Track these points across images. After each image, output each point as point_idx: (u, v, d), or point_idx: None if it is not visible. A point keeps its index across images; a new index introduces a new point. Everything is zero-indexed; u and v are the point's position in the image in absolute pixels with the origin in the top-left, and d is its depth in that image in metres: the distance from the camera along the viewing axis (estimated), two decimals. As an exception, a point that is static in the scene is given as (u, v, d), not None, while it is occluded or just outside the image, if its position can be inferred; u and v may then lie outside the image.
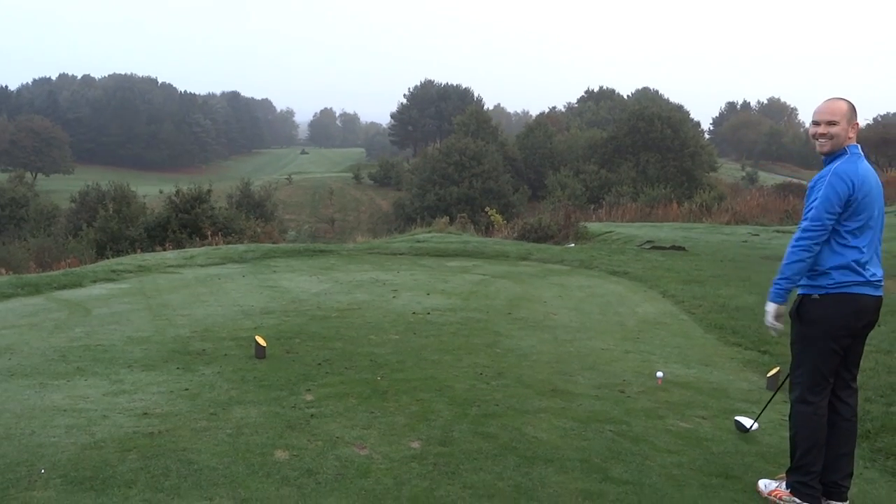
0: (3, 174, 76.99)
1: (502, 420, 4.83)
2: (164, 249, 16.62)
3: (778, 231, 20.31)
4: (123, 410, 4.75)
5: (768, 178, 63.40)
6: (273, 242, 21.91)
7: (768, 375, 5.94)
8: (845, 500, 3.83)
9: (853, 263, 3.74)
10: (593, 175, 56.03)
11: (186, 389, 5.25)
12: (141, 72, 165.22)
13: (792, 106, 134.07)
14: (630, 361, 6.53)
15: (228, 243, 18.18)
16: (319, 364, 6.03)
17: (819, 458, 3.80)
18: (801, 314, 3.93)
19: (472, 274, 11.51)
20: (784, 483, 3.93)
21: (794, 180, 53.11)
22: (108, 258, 16.18)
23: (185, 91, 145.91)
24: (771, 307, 4.00)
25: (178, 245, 20.03)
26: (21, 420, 4.52)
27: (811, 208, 3.78)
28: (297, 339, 6.86)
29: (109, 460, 3.92)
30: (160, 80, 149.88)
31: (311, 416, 4.75)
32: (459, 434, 4.53)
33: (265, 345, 6.23)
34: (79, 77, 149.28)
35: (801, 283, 3.89)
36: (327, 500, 3.60)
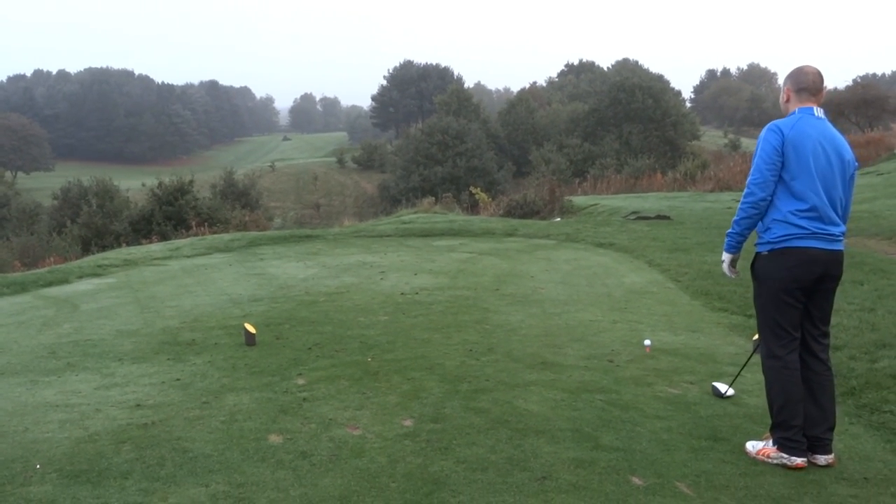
0: (-17, 174, 76.20)
1: (493, 395, 4.88)
2: (150, 242, 16.55)
3: (761, 196, 20.42)
4: (116, 403, 4.77)
5: (751, 144, 63.49)
6: (260, 230, 21.88)
7: (754, 339, 6.00)
8: (829, 453, 3.89)
9: (794, 216, 3.81)
10: (577, 149, 56.12)
11: (178, 379, 5.27)
12: (117, 64, 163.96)
13: (772, 71, 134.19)
14: (618, 331, 6.60)
15: (214, 233, 18.13)
16: (310, 348, 6.06)
17: (797, 412, 3.86)
18: (755, 270, 4.09)
19: (458, 252, 11.54)
20: (770, 441, 4.00)
21: (777, 145, 53.27)
22: (93, 254, 16.11)
23: (163, 82, 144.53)
24: (725, 256, 4.21)
25: (164, 237, 19.98)
26: (14, 417, 4.53)
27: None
28: (286, 325, 6.88)
29: (104, 452, 3.95)
30: (137, 72, 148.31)
31: (304, 399, 4.78)
32: (451, 410, 4.58)
33: (255, 332, 6.25)
34: (54, 72, 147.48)
35: (757, 240, 4.04)
36: (322, 480, 3.64)
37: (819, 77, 3.96)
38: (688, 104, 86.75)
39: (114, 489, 3.54)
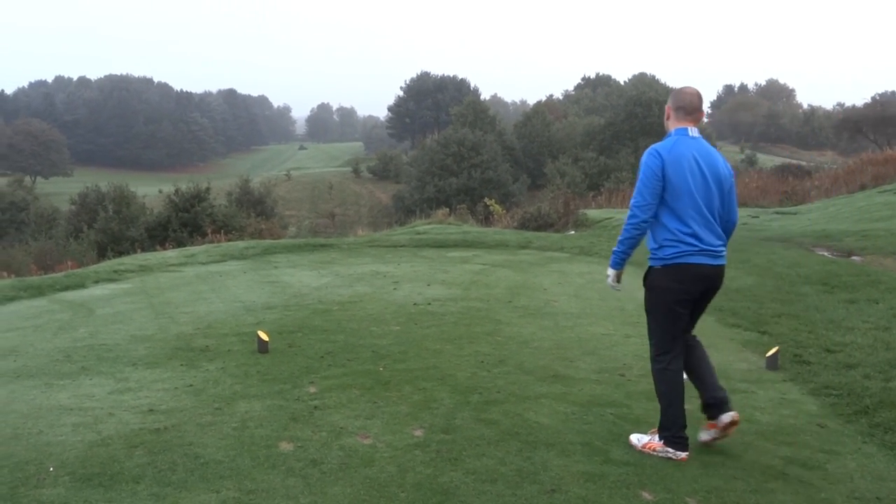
0: (3, 178, 77.09)
1: (504, 406, 4.88)
2: (165, 249, 16.67)
3: (778, 212, 20.33)
4: (129, 408, 4.80)
5: (767, 161, 63.29)
6: (275, 238, 21.97)
7: (767, 355, 5.99)
8: (731, 410, 4.16)
9: (681, 234, 4.09)
10: (592, 162, 56.07)
11: (191, 385, 5.30)
12: (137, 72, 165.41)
13: (790, 87, 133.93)
14: (630, 345, 6.58)
15: (230, 240, 18.24)
16: (322, 357, 6.08)
17: (681, 413, 4.17)
18: (647, 283, 4.37)
19: (472, 264, 11.55)
20: (656, 437, 4.21)
21: (794, 161, 53.05)
22: (109, 259, 16.24)
23: (182, 90, 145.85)
24: (610, 272, 4.57)
25: (180, 244, 20.13)
26: (28, 420, 4.57)
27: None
28: (299, 333, 6.91)
29: (117, 456, 3.98)
30: (156, 80, 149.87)
31: (315, 407, 4.80)
32: (462, 421, 4.58)
33: (268, 339, 6.28)
34: (75, 79, 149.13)
35: (650, 255, 4.30)
36: (332, 489, 3.65)
37: (697, 98, 4.24)
38: (705, 119, 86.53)
39: (125, 493, 3.56)
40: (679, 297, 4.16)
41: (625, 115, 60.31)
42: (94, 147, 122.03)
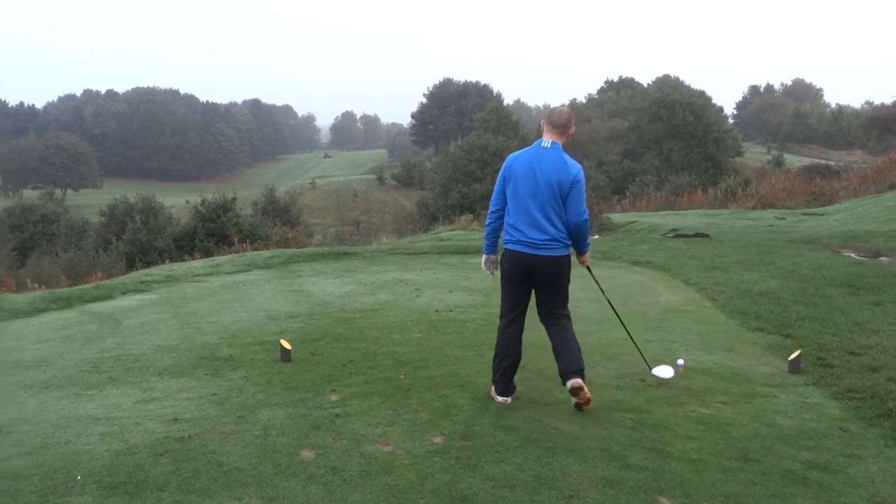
0: (34, 192, 78.42)
1: (523, 412, 4.91)
2: (192, 258, 16.87)
3: (805, 214, 20.12)
4: (155, 417, 4.90)
5: (795, 161, 62.61)
6: (300, 247, 22.13)
7: (789, 359, 5.95)
8: (575, 378, 4.93)
9: (510, 227, 5.05)
10: (616, 165, 55.79)
11: (215, 394, 5.38)
12: (163, 84, 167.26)
13: (817, 86, 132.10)
14: (651, 350, 6.56)
15: (255, 249, 18.42)
16: (344, 365, 6.14)
17: (503, 362, 5.14)
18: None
19: (494, 270, 11.51)
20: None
21: (822, 161, 52.38)
22: (137, 269, 16.48)
23: (208, 101, 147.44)
24: (483, 257, 5.41)
25: (207, 253, 20.37)
26: (57, 430, 4.68)
27: None
28: (321, 342, 6.98)
29: (142, 465, 4.06)
30: (182, 92, 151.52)
31: (336, 415, 4.86)
32: (481, 428, 4.61)
33: (290, 348, 6.36)
34: (103, 92, 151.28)
35: None
36: (352, 496, 3.70)
37: (563, 116, 5.07)
38: (730, 120, 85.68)
39: (150, 501, 3.64)
40: (508, 274, 5.12)
41: (649, 118, 59.91)
42: (123, 159, 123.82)
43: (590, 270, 5.81)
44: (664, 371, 5.69)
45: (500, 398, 5.09)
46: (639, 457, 4.19)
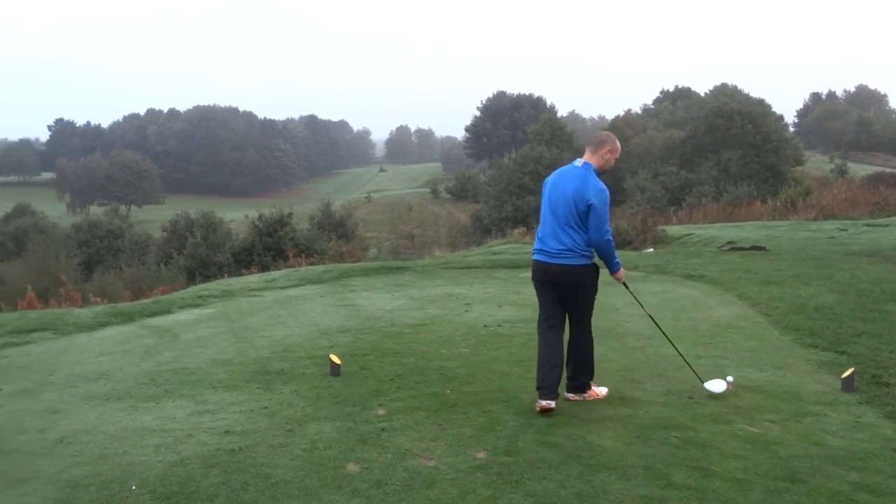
0: (100, 208, 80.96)
1: (567, 429, 4.92)
2: (250, 273, 17.23)
3: (868, 225, 19.54)
4: (207, 429, 5.05)
5: (859, 170, 60.83)
6: (355, 261, 22.40)
7: (843, 377, 5.82)
8: (571, 392, 5.58)
9: (537, 237, 5.56)
10: (673, 176, 54.97)
11: (265, 408, 5.52)
12: (223, 102, 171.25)
13: (882, 92, 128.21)
14: (701, 367, 6.47)
15: (311, 264, 18.70)
16: (391, 379, 6.23)
17: (542, 368, 5.35)
18: None
19: (545, 284, 11.48)
20: None
21: (888, 170, 50.82)
22: (197, 284, 16.90)
23: (266, 117, 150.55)
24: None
25: (264, 268, 20.73)
26: (115, 441, 4.86)
27: None
28: (370, 356, 7.09)
29: (194, 476, 4.20)
30: (241, 109, 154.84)
31: (382, 430, 4.94)
32: (524, 444, 4.65)
33: (340, 362, 6.47)
34: (165, 111, 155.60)
35: None
36: (395, 510, 3.77)
37: (597, 137, 5.55)
38: (791, 129, 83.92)
39: (200, 511, 3.77)
40: (533, 281, 5.61)
41: (706, 128, 58.95)
42: (184, 175, 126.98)
43: (626, 286, 5.92)
44: (716, 385, 5.64)
45: (541, 401, 5.23)
46: (682, 475, 4.16)
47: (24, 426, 5.26)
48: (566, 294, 5.45)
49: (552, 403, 5.23)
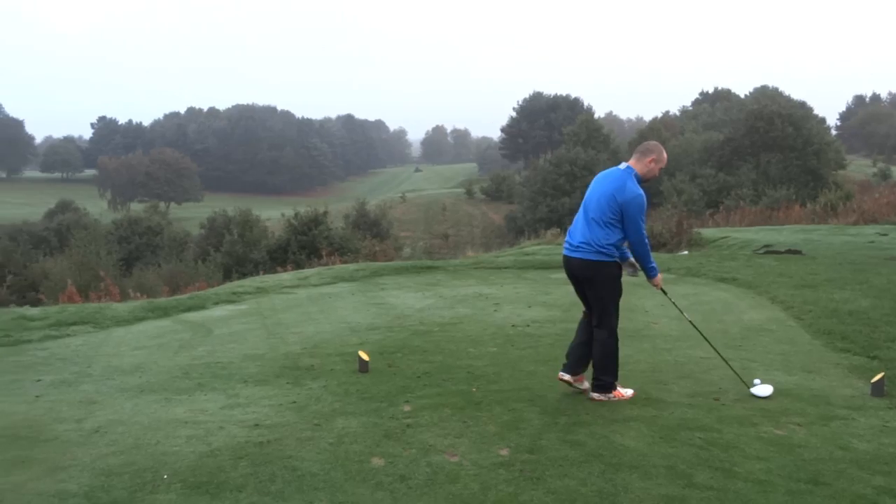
0: (140, 205, 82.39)
1: (591, 428, 4.95)
2: (285, 270, 17.45)
3: (910, 229, 19.19)
4: (237, 422, 5.17)
5: (903, 173, 59.68)
6: (388, 260, 22.54)
7: (872, 381, 5.77)
8: (563, 373, 5.74)
9: (567, 233, 5.74)
10: (710, 179, 54.35)
11: (294, 402, 5.63)
12: (261, 101, 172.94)
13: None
14: (728, 369, 6.46)
15: (344, 262, 18.89)
16: (419, 377, 6.30)
17: (572, 341, 5.76)
18: None
19: (576, 285, 11.48)
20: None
21: (932, 174, 49.75)
22: (233, 280, 17.17)
23: (303, 117, 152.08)
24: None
25: (298, 266, 20.98)
26: (149, 431, 5.00)
27: None
28: (399, 354, 7.17)
29: (223, 467, 4.31)
30: (279, 108, 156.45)
31: (408, 425, 5.02)
32: (547, 442, 4.69)
33: (368, 359, 6.57)
34: (205, 110, 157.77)
35: None
36: (417, 503, 3.84)
37: (643, 145, 5.70)
38: (833, 132, 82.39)
39: (229, 501, 3.88)
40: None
41: (745, 130, 58.16)
42: (223, 173, 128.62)
43: (664, 292, 5.94)
44: (762, 390, 5.63)
45: (560, 372, 5.72)
46: (704, 476, 4.17)
47: (63, 416, 5.42)
48: (584, 288, 5.63)
49: (565, 376, 5.64)
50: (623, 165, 5.60)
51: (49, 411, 5.56)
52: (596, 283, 5.52)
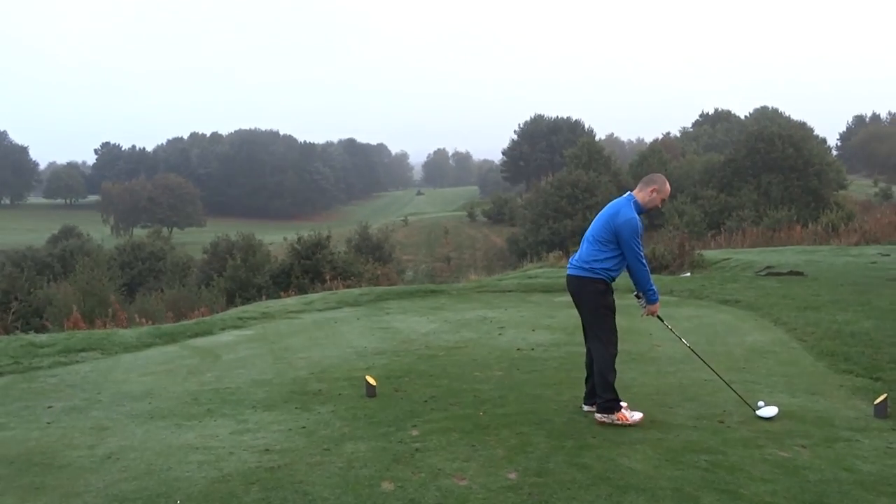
0: (143, 230, 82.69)
1: (598, 451, 5.00)
2: (288, 295, 17.52)
3: (911, 250, 19.24)
4: (248, 447, 5.23)
5: (904, 193, 59.85)
6: (391, 283, 22.61)
7: (875, 403, 5.82)
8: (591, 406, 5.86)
9: None
10: (712, 200, 54.57)
11: (303, 427, 5.69)
12: (264, 125, 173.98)
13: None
14: (733, 392, 6.51)
15: (348, 286, 18.96)
16: (426, 401, 6.36)
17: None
18: None
19: (580, 308, 11.54)
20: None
21: (933, 194, 49.89)
22: (236, 306, 17.23)
23: (305, 141, 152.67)
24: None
25: (301, 290, 21.02)
26: (160, 457, 5.06)
27: None
28: (405, 378, 7.23)
29: (235, 492, 4.37)
30: (282, 133, 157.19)
31: (416, 450, 5.07)
32: (555, 465, 4.74)
33: (375, 384, 6.63)
34: (208, 135, 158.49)
35: None
36: (427, 527, 3.90)
37: (650, 178, 6.00)
38: (833, 152, 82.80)
39: (241, 525, 3.93)
40: None
41: (746, 151, 58.45)
42: (225, 198, 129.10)
43: (661, 319, 6.14)
44: (768, 411, 5.69)
45: (583, 405, 5.98)
46: (710, 498, 4.22)
47: (75, 442, 5.49)
48: (575, 304, 5.93)
49: (586, 408, 5.92)
50: (627, 195, 5.89)
51: (61, 438, 5.62)
52: (582, 298, 5.79)
